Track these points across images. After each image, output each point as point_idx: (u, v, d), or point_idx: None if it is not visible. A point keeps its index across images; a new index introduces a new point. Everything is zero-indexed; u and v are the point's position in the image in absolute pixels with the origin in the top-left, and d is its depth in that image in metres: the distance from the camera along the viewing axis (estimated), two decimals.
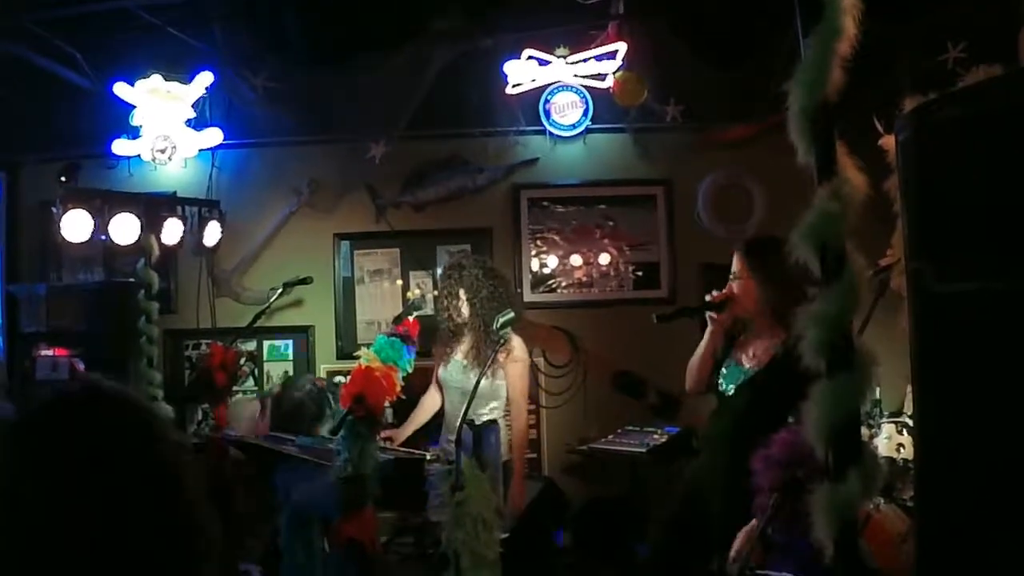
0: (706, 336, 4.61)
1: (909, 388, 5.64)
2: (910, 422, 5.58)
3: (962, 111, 1.93)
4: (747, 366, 4.50)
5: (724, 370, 4.58)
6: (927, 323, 2.00)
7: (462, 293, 5.50)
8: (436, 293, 6.10)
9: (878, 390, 5.94)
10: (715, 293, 4.53)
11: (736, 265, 4.54)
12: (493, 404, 5.43)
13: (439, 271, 6.86)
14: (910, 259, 2.04)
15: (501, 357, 5.29)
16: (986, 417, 1.84)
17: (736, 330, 4.61)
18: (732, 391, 4.47)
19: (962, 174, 1.89)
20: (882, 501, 5.22)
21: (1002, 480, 1.81)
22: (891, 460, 5.47)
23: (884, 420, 5.75)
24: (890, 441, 5.56)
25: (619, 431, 6.60)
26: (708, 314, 4.55)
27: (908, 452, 5.50)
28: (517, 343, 5.34)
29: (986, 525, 1.84)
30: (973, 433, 1.87)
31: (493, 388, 5.37)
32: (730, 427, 4.40)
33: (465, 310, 5.50)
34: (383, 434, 5.46)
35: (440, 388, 5.80)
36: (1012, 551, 1.78)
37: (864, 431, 5.68)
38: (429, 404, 5.92)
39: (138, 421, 1.63)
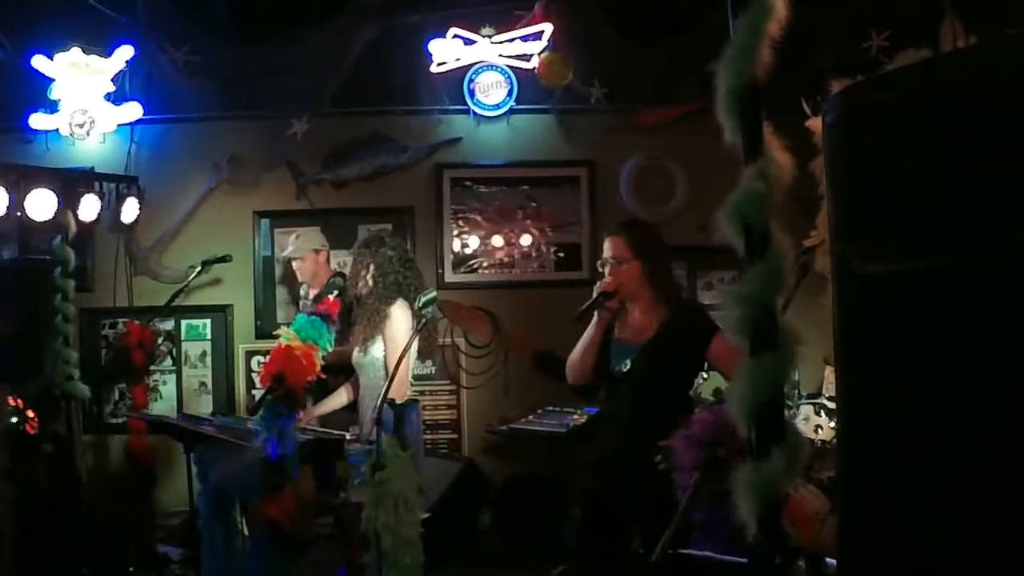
0: (593, 326, 4.65)
1: (828, 370, 5.73)
2: (828, 404, 5.66)
3: (889, 94, 1.94)
4: (635, 342, 4.58)
5: (612, 351, 4.64)
6: (850, 304, 2.01)
7: (372, 268, 5.45)
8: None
9: (797, 372, 6.02)
10: (604, 282, 4.58)
11: (616, 250, 4.60)
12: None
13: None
14: (834, 240, 2.05)
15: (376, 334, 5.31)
16: (907, 397, 1.86)
17: (614, 315, 4.68)
18: (627, 366, 4.54)
19: (887, 156, 1.90)
20: (801, 481, 5.29)
21: (923, 458, 1.83)
22: (809, 441, 5.54)
23: (802, 401, 5.83)
24: (808, 422, 5.63)
25: (539, 411, 6.64)
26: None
27: (826, 433, 5.58)
28: (397, 318, 5.29)
29: (909, 504, 1.86)
30: (895, 413, 1.89)
31: (373, 359, 5.36)
32: (631, 399, 4.52)
33: (370, 282, 5.45)
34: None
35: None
36: (934, 529, 1.81)
37: None
38: (345, 393, 5.87)
39: None
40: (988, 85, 1.77)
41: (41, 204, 6.17)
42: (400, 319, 5.26)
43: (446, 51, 7.19)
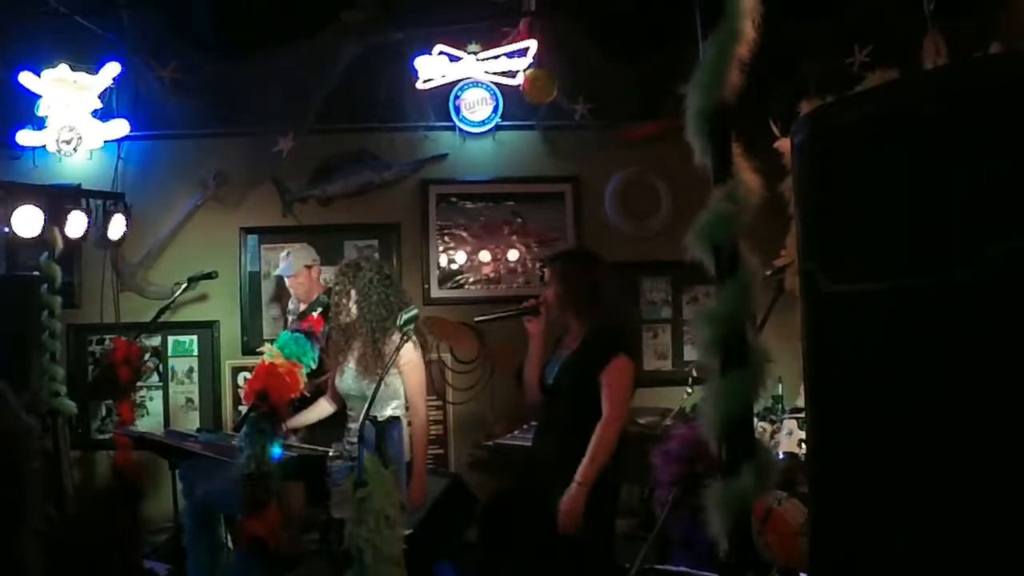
0: (530, 343, 5.10)
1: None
2: None
3: (857, 115, 1.97)
4: (562, 357, 4.98)
5: (548, 365, 5.04)
6: (818, 322, 2.03)
7: (353, 294, 5.44)
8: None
9: (780, 386, 6.05)
10: (527, 302, 5.13)
11: (548, 275, 5.14)
12: (394, 403, 5.39)
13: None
14: (803, 260, 2.07)
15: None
16: (875, 415, 1.88)
17: (560, 334, 5.09)
18: (551, 379, 4.94)
19: (855, 177, 1.93)
20: (784, 495, 5.31)
21: (891, 474, 1.85)
22: (793, 455, 5.55)
23: (786, 416, 5.84)
24: (792, 436, 5.64)
25: (525, 426, 6.63)
26: (524, 319, 5.12)
27: None
28: (407, 347, 5.25)
29: (877, 519, 1.88)
30: (863, 431, 1.91)
31: (392, 388, 5.32)
32: (555, 410, 4.90)
33: (354, 311, 5.44)
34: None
35: (337, 396, 5.73)
36: (902, 544, 1.83)
37: (767, 426, 5.83)
38: (324, 406, 5.86)
39: None
40: (953, 105, 1.79)
41: (28, 221, 6.17)
42: (409, 346, 5.25)
43: (431, 68, 7.21)
